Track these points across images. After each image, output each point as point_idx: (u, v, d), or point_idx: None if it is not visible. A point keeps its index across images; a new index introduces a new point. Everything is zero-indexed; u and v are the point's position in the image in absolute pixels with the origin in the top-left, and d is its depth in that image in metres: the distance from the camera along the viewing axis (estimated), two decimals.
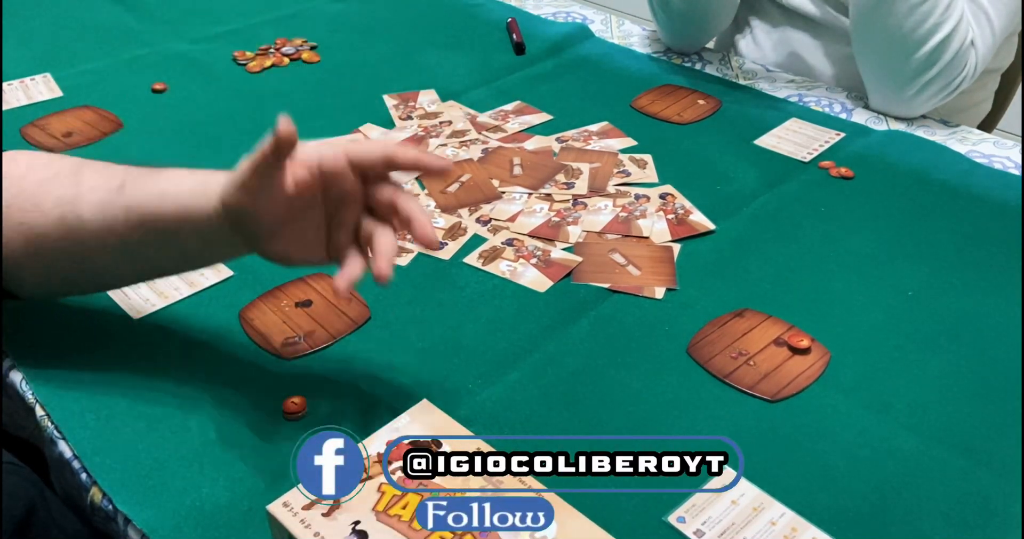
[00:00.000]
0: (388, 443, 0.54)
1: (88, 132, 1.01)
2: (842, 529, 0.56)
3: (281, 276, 0.78)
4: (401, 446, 0.54)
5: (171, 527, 0.56)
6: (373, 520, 0.50)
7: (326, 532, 0.50)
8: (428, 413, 0.57)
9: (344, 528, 0.50)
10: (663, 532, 0.56)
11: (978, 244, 0.84)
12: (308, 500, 0.51)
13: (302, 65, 1.18)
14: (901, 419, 0.65)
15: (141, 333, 0.73)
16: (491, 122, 1.04)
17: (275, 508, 0.51)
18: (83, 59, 1.18)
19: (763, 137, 1.01)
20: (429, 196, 0.90)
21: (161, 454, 0.61)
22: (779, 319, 0.74)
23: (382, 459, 0.53)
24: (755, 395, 0.67)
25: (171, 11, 1.33)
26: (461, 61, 1.19)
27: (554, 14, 1.34)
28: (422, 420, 0.56)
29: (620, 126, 1.03)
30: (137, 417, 0.64)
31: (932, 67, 0.97)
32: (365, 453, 0.53)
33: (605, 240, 0.84)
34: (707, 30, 1.18)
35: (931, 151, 0.98)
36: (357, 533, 0.50)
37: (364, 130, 1.02)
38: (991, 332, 0.73)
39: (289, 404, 0.65)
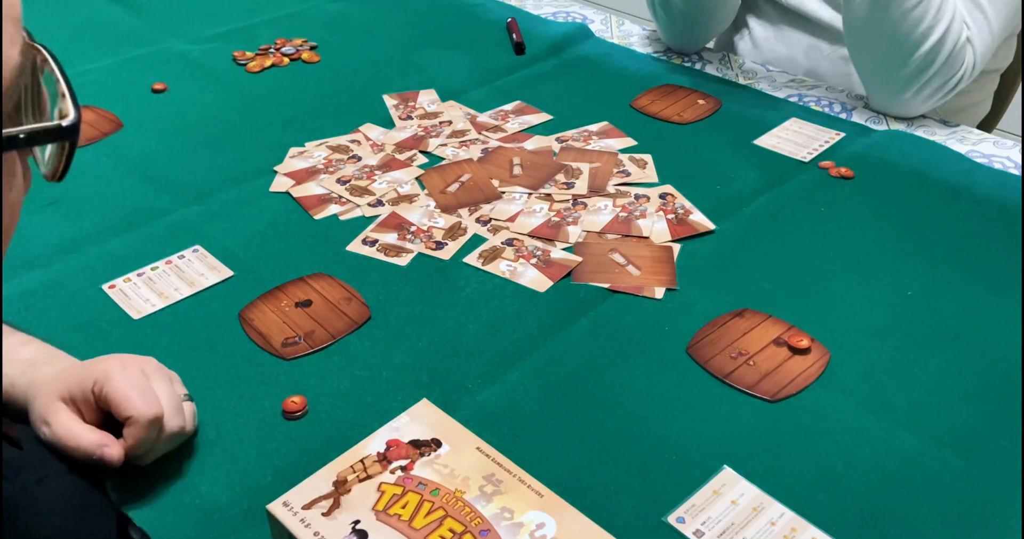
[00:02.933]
0: (388, 443, 0.54)
1: (88, 132, 1.01)
2: (842, 529, 0.56)
3: (281, 276, 0.79)
4: (400, 445, 0.54)
5: (171, 527, 0.57)
6: (373, 519, 0.50)
7: (326, 531, 0.50)
8: (428, 412, 0.57)
9: (344, 527, 0.50)
10: (663, 532, 0.56)
11: (978, 244, 0.84)
12: (308, 499, 0.51)
13: (302, 65, 1.18)
14: (901, 419, 0.65)
15: (141, 333, 0.73)
16: (491, 122, 1.04)
17: (275, 507, 0.51)
18: (83, 59, 1.18)
19: (763, 137, 1.01)
20: (429, 196, 0.90)
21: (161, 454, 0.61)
22: (779, 319, 0.74)
23: (382, 458, 0.53)
24: (755, 395, 0.67)
25: (171, 11, 1.33)
26: (461, 61, 1.19)
27: (554, 14, 1.34)
28: (422, 419, 0.56)
29: (620, 126, 1.03)
30: None
31: (928, 69, 0.97)
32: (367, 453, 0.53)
33: (605, 240, 0.84)
34: (707, 30, 1.18)
35: (931, 151, 0.98)
36: (357, 532, 0.50)
37: (364, 130, 1.02)
38: (991, 332, 0.73)
39: (289, 404, 0.65)
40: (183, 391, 0.62)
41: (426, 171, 0.94)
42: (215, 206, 0.89)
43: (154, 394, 0.58)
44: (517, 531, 0.49)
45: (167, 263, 0.80)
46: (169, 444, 0.60)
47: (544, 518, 0.50)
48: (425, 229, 0.85)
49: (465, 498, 0.51)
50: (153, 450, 0.58)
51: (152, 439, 0.57)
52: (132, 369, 0.58)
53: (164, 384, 0.59)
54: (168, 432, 0.58)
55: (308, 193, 0.90)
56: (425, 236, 0.84)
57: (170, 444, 0.60)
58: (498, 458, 0.54)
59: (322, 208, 0.88)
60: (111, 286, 0.77)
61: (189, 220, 0.86)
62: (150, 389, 0.58)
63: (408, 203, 0.89)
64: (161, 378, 0.60)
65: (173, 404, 0.59)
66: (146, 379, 0.58)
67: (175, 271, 0.79)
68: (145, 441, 0.57)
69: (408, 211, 0.87)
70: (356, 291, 0.77)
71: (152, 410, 0.56)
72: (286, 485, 0.52)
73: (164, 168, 0.95)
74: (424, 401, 0.58)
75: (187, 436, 0.61)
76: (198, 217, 0.87)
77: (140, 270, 0.79)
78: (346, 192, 0.90)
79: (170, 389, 0.60)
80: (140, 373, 0.59)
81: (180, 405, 0.59)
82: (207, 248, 0.82)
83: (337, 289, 0.77)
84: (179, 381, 0.63)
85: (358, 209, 0.88)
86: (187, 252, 0.82)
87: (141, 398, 0.56)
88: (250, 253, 0.82)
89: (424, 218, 0.86)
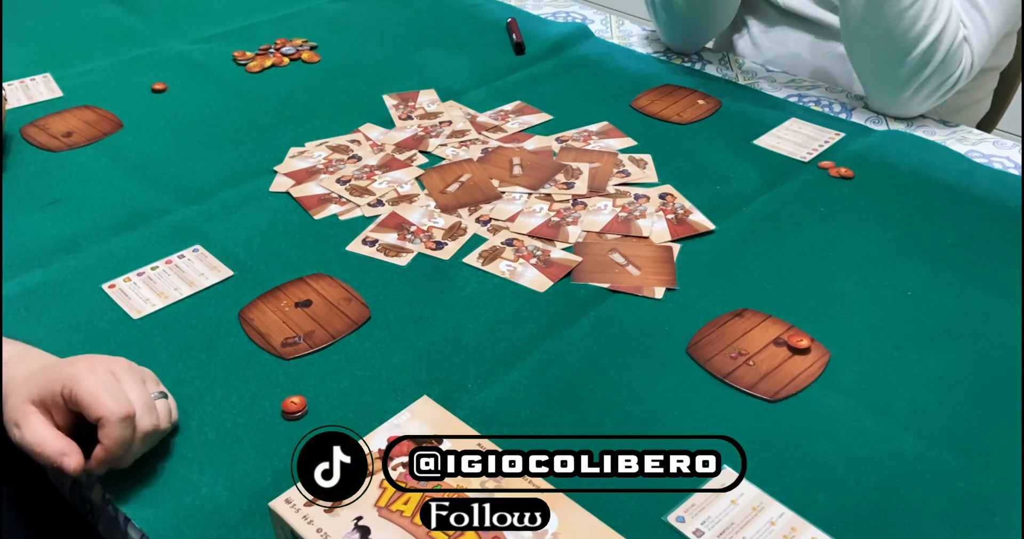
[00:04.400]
0: (389, 440, 0.54)
1: (88, 132, 1.01)
2: (841, 529, 0.56)
3: (281, 276, 0.79)
4: (402, 444, 0.54)
5: (171, 527, 0.57)
6: (375, 516, 0.50)
7: (328, 528, 0.50)
8: (428, 410, 0.57)
9: (346, 524, 0.50)
10: (663, 532, 0.56)
11: (978, 244, 0.84)
12: (310, 496, 0.51)
13: (302, 65, 1.18)
14: (901, 419, 0.65)
15: (141, 333, 0.73)
16: (491, 122, 1.04)
17: (277, 504, 0.51)
18: (83, 59, 1.18)
19: (763, 137, 1.01)
20: (429, 196, 0.90)
21: (161, 454, 0.61)
22: (779, 319, 0.74)
23: (383, 456, 0.53)
24: (755, 395, 0.67)
25: (171, 11, 1.33)
26: (461, 61, 1.19)
27: (554, 14, 1.34)
28: (423, 416, 0.56)
29: (620, 126, 1.03)
30: None
31: (925, 68, 0.97)
32: (368, 450, 0.53)
33: (605, 240, 0.84)
34: (707, 31, 1.18)
35: (931, 151, 0.98)
36: (359, 529, 0.50)
37: (364, 130, 1.02)
38: (991, 332, 0.73)
39: (289, 404, 0.65)
40: (157, 389, 0.62)
41: (426, 171, 0.94)
42: (215, 206, 0.89)
43: (124, 393, 0.57)
44: (518, 528, 0.49)
45: (167, 263, 0.80)
46: (146, 444, 0.59)
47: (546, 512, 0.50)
48: (425, 229, 0.85)
49: (467, 495, 0.51)
50: (131, 451, 0.58)
51: (128, 438, 0.57)
52: (100, 370, 0.58)
53: (135, 384, 0.59)
54: (142, 431, 0.58)
55: (308, 193, 0.90)
56: (425, 236, 0.84)
57: (147, 443, 0.60)
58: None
59: (322, 208, 0.88)
60: (111, 286, 0.78)
61: (189, 220, 0.86)
62: (119, 389, 0.57)
63: (408, 203, 0.89)
64: (131, 377, 0.60)
65: (145, 403, 0.58)
66: (115, 380, 0.58)
67: (175, 271, 0.79)
68: (121, 441, 0.56)
69: (408, 211, 0.87)
70: (356, 291, 0.77)
71: (123, 409, 0.56)
72: (286, 485, 0.52)
73: (164, 168, 0.95)
74: (425, 398, 0.58)
75: (163, 434, 0.61)
76: (198, 217, 0.87)
77: (140, 270, 0.79)
78: (346, 192, 0.90)
79: (141, 388, 0.59)
80: (109, 374, 0.58)
81: (152, 403, 0.59)
82: (207, 248, 0.82)
83: (337, 289, 0.77)
84: (154, 379, 0.63)
85: (358, 209, 0.88)
86: (187, 252, 0.82)
87: (111, 398, 0.56)
88: (250, 253, 0.82)
89: (424, 218, 0.86)
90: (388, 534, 0.49)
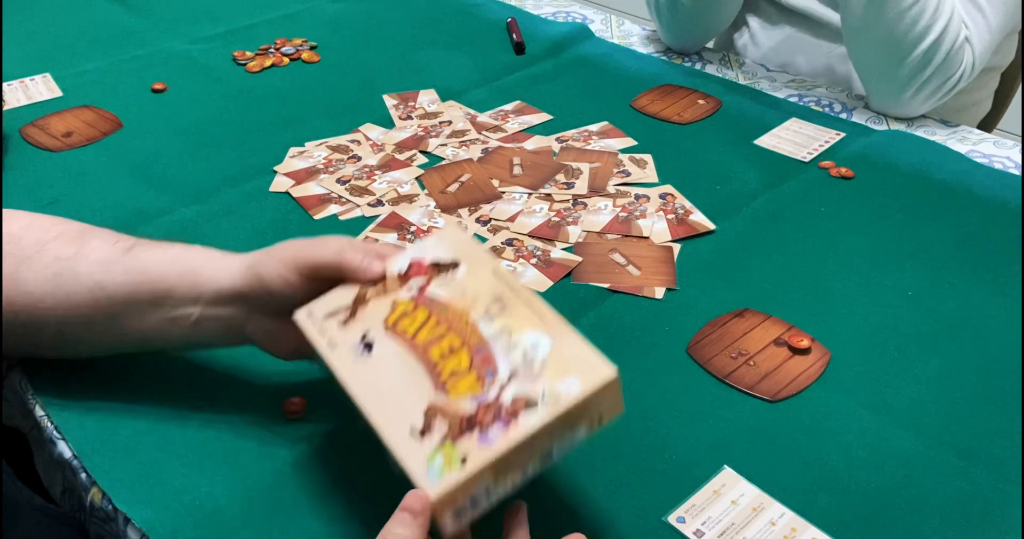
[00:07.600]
0: (411, 263, 0.57)
1: (88, 132, 1.01)
2: (842, 529, 0.56)
3: None
4: (421, 265, 0.56)
5: (170, 527, 0.56)
6: (382, 332, 0.54)
7: (339, 339, 0.54)
8: (454, 235, 0.58)
9: (355, 337, 0.53)
10: (663, 532, 0.56)
11: (978, 244, 0.84)
12: (329, 309, 0.56)
13: (302, 65, 1.18)
14: (901, 419, 0.65)
15: None
16: (491, 122, 1.04)
17: (300, 315, 0.57)
18: (83, 59, 1.18)
19: (763, 137, 1.01)
20: (429, 196, 0.90)
21: (161, 454, 0.61)
22: (779, 319, 0.74)
23: (402, 276, 0.56)
24: (755, 395, 0.67)
25: (171, 11, 1.33)
26: (461, 61, 1.19)
27: (554, 14, 1.34)
28: (447, 241, 0.58)
29: (620, 126, 1.03)
30: (137, 417, 0.64)
31: (926, 68, 0.97)
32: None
33: (605, 240, 0.84)
34: (710, 31, 1.18)
35: (931, 151, 0.98)
36: (365, 344, 0.53)
37: (364, 130, 1.02)
38: (991, 332, 0.73)
39: (289, 404, 0.65)
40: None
41: (426, 171, 0.94)
42: (215, 206, 0.88)
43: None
44: (511, 349, 0.50)
45: None
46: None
47: (540, 339, 0.51)
48: (425, 229, 0.85)
49: (470, 316, 0.52)
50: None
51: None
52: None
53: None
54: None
55: (308, 193, 0.90)
56: (425, 236, 0.84)
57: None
58: (512, 282, 0.54)
59: (322, 208, 0.88)
60: None
61: (189, 220, 0.86)
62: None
63: (408, 203, 0.89)
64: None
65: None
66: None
67: None
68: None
69: (408, 211, 0.87)
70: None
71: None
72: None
73: (164, 168, 0.95)
74: (453, 222, 0.60)
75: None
76: (198, 217, 0.87)
77: None
78: (346, 192, 0.90)
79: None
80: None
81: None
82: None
83: None
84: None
85: (358, 209, 0.88)
86: None
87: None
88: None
89: (424, 218, 0.86)
90: (389, 349, 0.52)
